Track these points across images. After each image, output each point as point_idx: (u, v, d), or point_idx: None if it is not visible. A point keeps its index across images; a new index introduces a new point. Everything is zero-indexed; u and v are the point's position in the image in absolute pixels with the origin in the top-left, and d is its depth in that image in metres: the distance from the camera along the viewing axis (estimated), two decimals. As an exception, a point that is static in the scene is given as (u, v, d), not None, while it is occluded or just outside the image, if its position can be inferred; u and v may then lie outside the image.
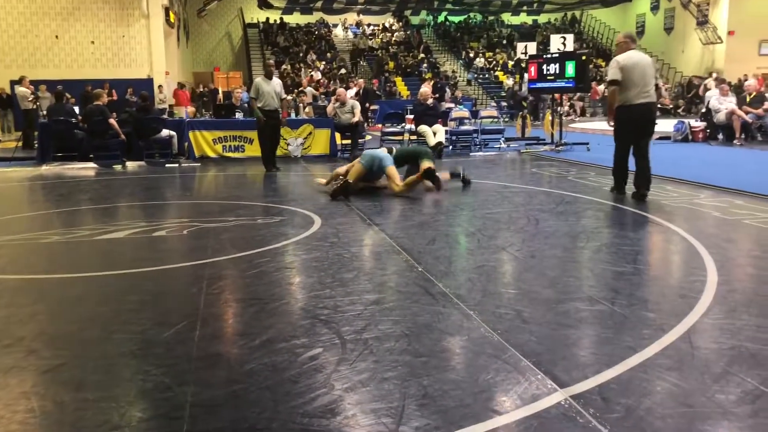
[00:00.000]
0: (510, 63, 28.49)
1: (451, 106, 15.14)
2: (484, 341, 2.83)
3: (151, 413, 2.27)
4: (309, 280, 3.89)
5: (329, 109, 12.14)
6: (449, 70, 28.80)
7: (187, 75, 26.49)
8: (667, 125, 13.92)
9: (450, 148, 12.23)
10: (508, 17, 34.04)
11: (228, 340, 2.98)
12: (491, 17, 33.86)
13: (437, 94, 16.76)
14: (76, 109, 12.79)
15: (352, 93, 17.25)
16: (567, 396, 2.30)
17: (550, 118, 13.17)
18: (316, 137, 11.99)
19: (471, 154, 11.93)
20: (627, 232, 5.14)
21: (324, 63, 27.61)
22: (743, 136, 12.11)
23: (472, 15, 33.59)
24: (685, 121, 13.71)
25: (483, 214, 5.95)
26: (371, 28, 32.20)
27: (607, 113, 7.05)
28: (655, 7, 30.57)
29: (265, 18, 30.25)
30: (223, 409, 2.26)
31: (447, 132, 11.96)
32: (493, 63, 29.58)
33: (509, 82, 25.91)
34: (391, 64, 28.29)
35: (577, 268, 4.15)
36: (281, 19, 30.49)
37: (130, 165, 10.88)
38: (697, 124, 13.15)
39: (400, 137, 12.24)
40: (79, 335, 3.04)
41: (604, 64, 27.18)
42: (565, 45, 15.13)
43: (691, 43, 27.58)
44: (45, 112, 11.94)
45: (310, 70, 26.08)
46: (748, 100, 12.55)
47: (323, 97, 20.77)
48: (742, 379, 2.42)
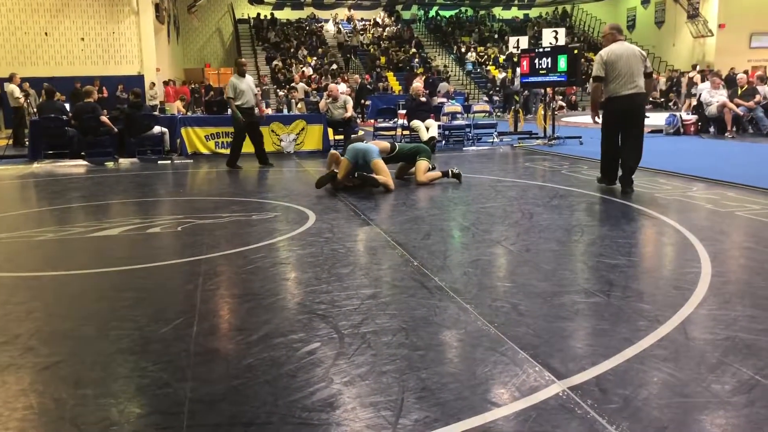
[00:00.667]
0: (501, 57, 28.48)
1: (443, 101, 15.14)
2: (481, 334, 2.85)
3: (150, 409, 2.27)
4: (305, 276, 3.90)
5: (321, 104, 12.11)
6: (441, 64, 28.78)
7: (177, 71, 26.37)
8: (659, 119, 13.98)
9: (443, 143, 12.25)
10: (499, 11, 34.05)
11: (225, 336, 2.98)
12: (482, 12, 33.86)
13: (428, 90, 16.73)
14: (67, 106, 12.71)
15: (342, 88, 17.21)
16: (565, 387, 2.31)
17: (542, 112, 13.20)
18: (308, 133, 12.00)
19: (464, 148, 11.95)
20: (621, 225, 5.16)
21: (315, 59, 27.54)
22: (735, 129, 12.18)
23: (463, 9, 33.57)
24: (677, 114, 13.76)
25: (477, 208, 5.97)
26: (362, 23, 32.11)
27: (591, 110, 7.01)
28: (645, 1, 30.66)
29: (255, 14, 30.12)
30: (222, 404, 2.26)
31: (440, 127, 11.96)
32: (485, 57, 29.57)
33: (500, 77, 25.91)
34: (382, 60, 28.24)
35: (572, 261, 4.17)
36: (272, 14, 30.36)
37: (123, 162, 10.85)
38: (689, 117, 13.21)
39: (393, 132, 12.24)
40: (75, 332, 3.04)
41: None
42: (557, 39, 15.10)
43: (681, 36, 27.71)
44: (35, 110, 11.86)
45: (302, 66, 25.99)
46: (739, 92, 12.62)
47: (315, 93, 20.71)
48: (737, 369, 2.44)
